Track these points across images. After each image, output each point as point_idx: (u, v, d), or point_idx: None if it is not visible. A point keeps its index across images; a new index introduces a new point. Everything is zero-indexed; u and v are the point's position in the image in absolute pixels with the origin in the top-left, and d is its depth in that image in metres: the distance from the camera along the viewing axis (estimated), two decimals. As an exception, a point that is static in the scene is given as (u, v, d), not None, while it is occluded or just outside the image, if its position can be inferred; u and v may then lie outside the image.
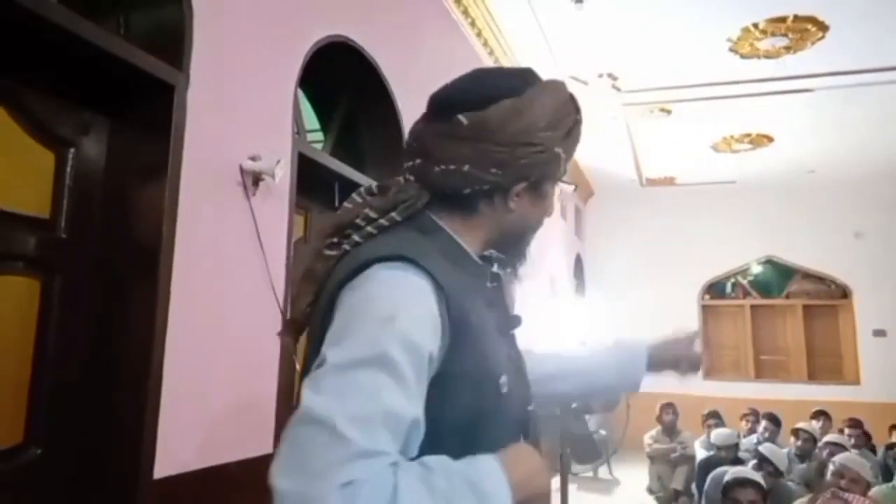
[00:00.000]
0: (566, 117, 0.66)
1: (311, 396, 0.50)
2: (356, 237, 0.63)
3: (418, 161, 0.65)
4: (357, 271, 0.58)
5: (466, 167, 0.62)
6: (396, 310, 0.54)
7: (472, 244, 0.68)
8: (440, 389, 0.56)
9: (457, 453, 0.55)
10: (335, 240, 0.64)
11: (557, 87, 0.68)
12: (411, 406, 0.52)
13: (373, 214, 0.63)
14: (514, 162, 0.62)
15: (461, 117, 0.62)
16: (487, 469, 0.53)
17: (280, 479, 0.47)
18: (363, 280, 0.57)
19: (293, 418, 0.51)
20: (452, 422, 0.57)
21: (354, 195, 0.68)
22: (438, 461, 0.52)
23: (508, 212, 0.66)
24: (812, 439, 3.76)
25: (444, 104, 0.65)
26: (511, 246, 0.70)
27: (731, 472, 2.52)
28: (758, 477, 2.39)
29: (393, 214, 0.63)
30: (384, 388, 0.50)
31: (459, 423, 0.58)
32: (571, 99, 0.69)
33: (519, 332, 0.74)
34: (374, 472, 0.47)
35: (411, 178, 0.66)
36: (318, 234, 0.67)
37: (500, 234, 0.68)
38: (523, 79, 0.66)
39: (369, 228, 0.63)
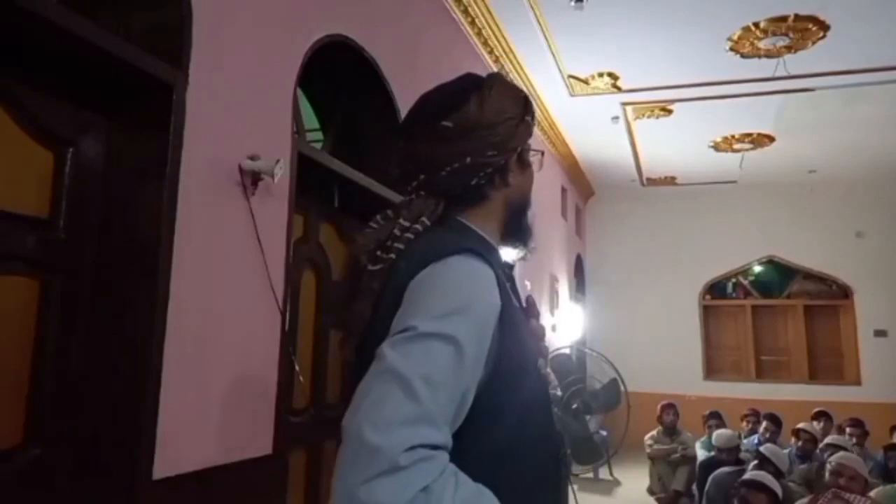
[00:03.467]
0: (518, 94, 0.78)
1: (393, 355, 0.56)
2: (398, 245, 0.69)
3: (422, 177, 0.73)
4: (425, 265, 0.64)
5: (468, 159, 0.71)
6: (470, 297, 0.62)
7: (493, 234, 0.76)
8: (499, 373, 0.63)
9: (511, 427, 0.63)
10: (378, 254, 0.70)
11: (497, 75, 0.79)
12: (466, 380, 0.59)
13: (406, 223, 0.70)
14: (502, 138, 0.72)
15: (446, 122, 0.71)
16: None
17: (354, 424, 0.52)
18: (437, 268, 0.63)
19: (372, 371, 0.57)
20: (509, 401, 0.64)
21: (378, 217, 0.75)
22: (491, 496, 0.58)
23: (508, 187, 0.75)
24: (813, 440, 3.75)
25: (425, 120, 0.74)
26: (517, 220, 0.78)
27: (749, 473, 2.51)
28: (776, 486, 2.35)
29: (423, 219, 0.71)
30: (452, 360, 0.57)
31: (515, 402, 0.64)
32: (512, 82, 0.80)
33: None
34: (442, 459, 0.53)
35: (422, 193, 0.73)
36: (359, 251, 0.72)
37: (508, 212, 0.77)
38: (472, 78, 0.77)
39: (408, 234, 0.70)
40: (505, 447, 0.63)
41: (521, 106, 0.76)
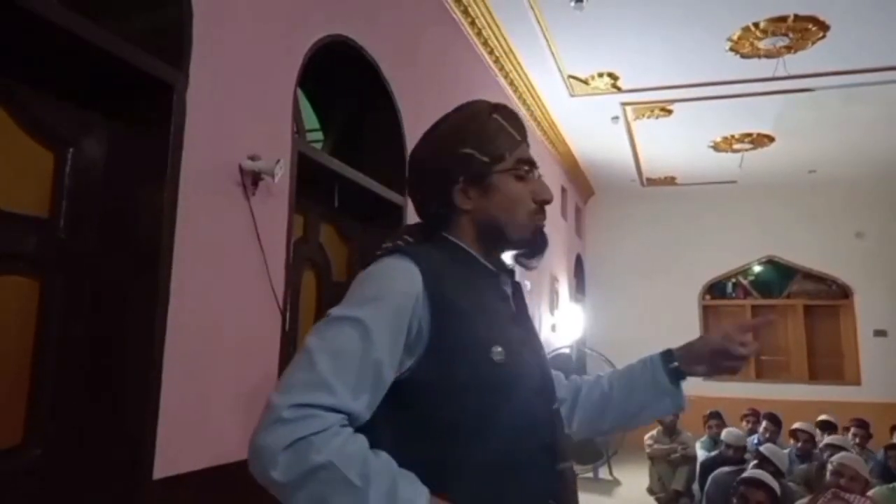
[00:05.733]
0: (469, 125, 0.83)
1: (309, 337, 0.68)
2: None
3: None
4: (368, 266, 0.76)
5: (419, 196, 0.85)
6: (384, 287, 0.72)
7: (473, 246, 0.83)
8: (434, 355, 0.71)
9: (453, 410, 0.70)
10: None
11: (461, 108, 0.86)
12: (377, 356, 0.67)
13: (388, 244, 0.82)
14: (433, 175, 0.83)
15: (410, 170, 0.88)
16: (418, 494, 0.63)
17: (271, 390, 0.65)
18: (370, 267, 0.76)
19: (297, 351, 0.69)
20: (446, 381, 0.71)
21: None
22: (389, 461, 0.65)
23: (465, 212, 0.82)
24: (811, 439, 3.75)
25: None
26: (491, 237, 0.83)
27: (748, 472, 2.51)
28: (774, 483, 2.36)
29: (406, 237, 0.82)
30: (357, 338, 0.67)
31: (452, 383, 0.71)
32: (483, 109, 0.85)
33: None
34: (330, 418, 0.63)
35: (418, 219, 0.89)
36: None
37: (478, 228, 0.83)
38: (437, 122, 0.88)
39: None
40: (444, 425, 0.70)
41: (459, 140, 0.81)
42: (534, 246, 0.84)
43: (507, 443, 0.72)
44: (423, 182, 0.84)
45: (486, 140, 0.81)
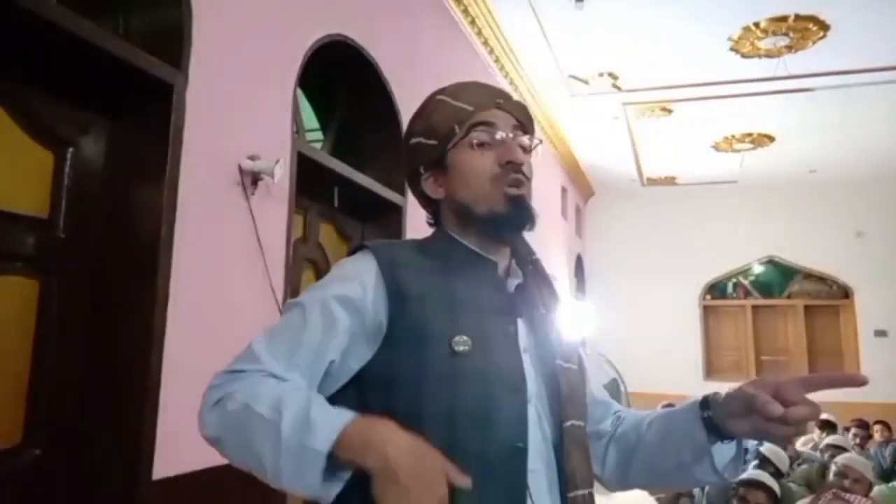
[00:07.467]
0: (416, 118, 0.83)
1: None
2: None
3: None
4: None
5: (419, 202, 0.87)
6: (334, 277, 0.75)
7: (461, 233, 0.80)
8: (391, 344, 0.70)
9: (407, 398, 0.67)
10: None
11: (420, 105, 0.85)
12: (314, 338, 0.69)
13: None
14: (408, 168, 0.84)
15: None
16: (331, 411, 0.61)
17: None
18: None
19: None
20: (399, 369, 0.69)
21: None
22: (304, 390, 0.65)
23: (441, 201, 0.81)
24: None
25: None
26: (468, 214, 0.77)
27: (748, 472, 2.53)
28: (773, 484, 2.37)
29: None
30: (295, 321, 0.70)
31: (406, 370, 0.69)
32: (430, 97, 0.83)
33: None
34: (253, 374, 0.68)
35: None
36: None
37: (456, 212, 0.79)
38: None
39: None
40: (401, 415, 0.63)
41: (414, 133, 0.81)
42: (511, 219, 0.74)
43: (465, 438, 0.65)
44: (408, 187, 0.86)
45: (429, 123, 0.78)
